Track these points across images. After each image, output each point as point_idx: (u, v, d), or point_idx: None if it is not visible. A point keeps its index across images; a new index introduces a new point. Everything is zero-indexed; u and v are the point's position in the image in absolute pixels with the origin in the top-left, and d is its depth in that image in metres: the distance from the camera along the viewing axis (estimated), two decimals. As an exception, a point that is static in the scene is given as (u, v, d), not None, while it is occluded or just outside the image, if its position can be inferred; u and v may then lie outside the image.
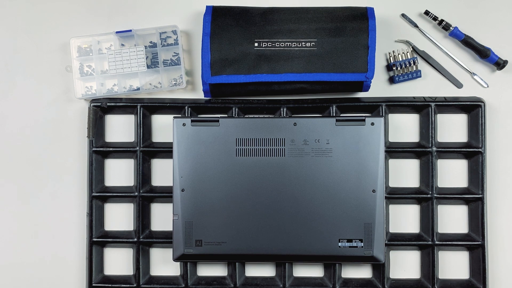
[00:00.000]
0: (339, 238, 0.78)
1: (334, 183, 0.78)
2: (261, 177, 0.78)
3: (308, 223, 0.78)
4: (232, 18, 0.79)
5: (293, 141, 0.78)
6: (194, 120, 0.79)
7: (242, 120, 0.79)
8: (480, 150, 0.81)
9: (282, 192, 0.78)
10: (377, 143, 0.78)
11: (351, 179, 0.78)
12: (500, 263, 0.83)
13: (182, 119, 0.79)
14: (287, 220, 0.78)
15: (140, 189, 0.83)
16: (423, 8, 0.84)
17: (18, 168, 0.85)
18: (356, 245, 0.78)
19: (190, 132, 0.78)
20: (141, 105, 0.83)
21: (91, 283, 0.82)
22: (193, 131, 0.78)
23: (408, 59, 0.83)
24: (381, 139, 0.78)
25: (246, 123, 0.79)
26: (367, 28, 0.78)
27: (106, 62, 0.84)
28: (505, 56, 0.84)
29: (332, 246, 0.78)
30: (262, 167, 0.78)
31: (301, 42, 0.78)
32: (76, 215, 0.85)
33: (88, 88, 0.85)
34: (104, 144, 0.84)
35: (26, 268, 0.85)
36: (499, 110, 0.84)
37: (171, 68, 0.84)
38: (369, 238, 0.78)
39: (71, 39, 0.84)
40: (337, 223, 0.78)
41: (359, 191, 0.78)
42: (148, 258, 0.85)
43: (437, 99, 0.82)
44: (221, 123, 0.79)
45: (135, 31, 0.83)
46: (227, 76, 0.79)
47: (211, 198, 0.78)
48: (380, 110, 0.82)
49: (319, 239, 0.78)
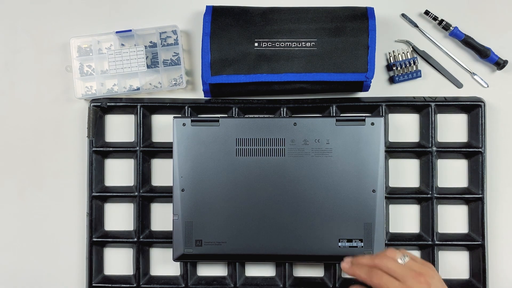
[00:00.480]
0: (339, 238, 0.78)
1: (334, 183, 0.78)
2: (261, 177, 0.78)
3: (308, 223, 0.78)
4: (232, 18, 0.79)
5: (293, 141, 0.78)
6: (194, 120, 0.79)
7: (242, 120, 0.79)
8: (480, 150, 0.81)
9: (282, 192, 0.78)
10: (377, 143, 0.78)
11: (351, 179, 0.78)
12: (500, 263, 0.83)
13: (182, 119, 0.79)
14: (287, 220, 0.78)
15: (140, 189, 0.83)
16: (423, 8, 0.84)
17: (18, 168, 0.85)
18: (356, 245, 0.78)
19: (190, 132, 0.78)
20: (141, 105, 0.83)
21: (91, 283, 0.82)
22: (193, 131, 0.78)
23: (408, 59, 0.83)
24: (381, 139, 0.78)
25: (246, 123, 0.79)
26: (367, 28, 0.78)
27: (106, 62, 0.84)
28: (505, 56, 0.84)
29: (332, 246, 0.78)
30: (262, 167, 0.78)
31: (301, 42, 0.78)
32: (76, 215, 0.85)
33: (88, 88, 0.85)
34: (104, 144, 0.84)
35: (26, 268, 0.85)
36: (499, 110, 0.84)
37: (171, 68, 0.84)
38: (369, 238, 0.78)
39: (71, 39, 0.84)
40: (337, 223, 0.78)
41: (359, 191, 0.78)
42: (148, 258, 0.85)
43: (437, 99, 0.82)
44: (221, 123, 0.79)
45: (135, 31, 0.83)
46: (227, 76, 0.79)
47: (211, 198, 0.78)
48: (380, 110, 0.82)
49: (319, 239, 0.78)
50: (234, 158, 0.78)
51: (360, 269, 0.69)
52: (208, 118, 0.80)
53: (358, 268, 0.69)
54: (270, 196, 0.78)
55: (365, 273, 0.68)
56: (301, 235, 0.78)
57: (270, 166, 0.78)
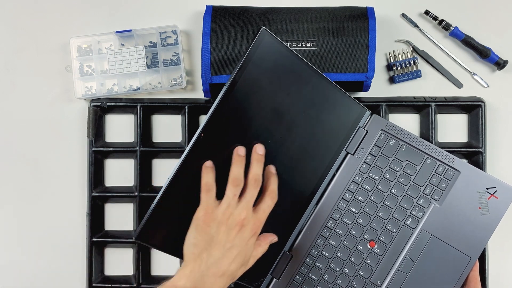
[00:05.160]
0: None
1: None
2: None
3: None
4: (232, 18, 0.79)
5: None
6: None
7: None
8: (480, 150, 0.81)
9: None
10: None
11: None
12: (500, 263, 0.83)
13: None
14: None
15: (140, 189, 0.83)
16: (423, 8, 0.84)
17: (18, 168, 0.85)
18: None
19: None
20: (141, 105, 0.83)
21: (91, 283, 0.82)
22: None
23: (408, 59, 0.83)
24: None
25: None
26: (367, 28, 0.78)
27: (106, 62, 0.84)
28: (505, 56, 0.84)
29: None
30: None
31: (301, 42, 0.78)
32: (76, 215, 0.85)
33: (88, 88, 0.85)
34: (104, 144, 0.84)
35: (26, 268, 0.85)
36: (499, 110, 0.84)
37: (171, 68, 0.84)
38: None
39: (71, 39, 0.84)
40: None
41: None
42: (148, 258, 0.85)
43: (437, 99, 0.82)
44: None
45: (135, 31, 0.83)
46: (227, 76, 0.79)
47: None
48: (380, 110, 0.82)
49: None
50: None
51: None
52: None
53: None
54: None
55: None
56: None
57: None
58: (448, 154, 0.75)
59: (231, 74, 0.66)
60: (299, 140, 0.73)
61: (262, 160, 0.68)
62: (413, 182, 0.75)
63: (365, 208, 0.76)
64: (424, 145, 0.76)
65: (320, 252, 0.76)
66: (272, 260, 0.76)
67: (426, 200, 0.75)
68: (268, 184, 0.69)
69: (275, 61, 0.69)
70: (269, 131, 0.71)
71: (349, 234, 0.76)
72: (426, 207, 0.75)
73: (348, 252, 0.75)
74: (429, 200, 0.75)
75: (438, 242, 0.73)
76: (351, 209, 0.76)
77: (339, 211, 0.76)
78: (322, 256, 0.76)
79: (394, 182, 0.76)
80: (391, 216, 0.75)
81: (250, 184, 0.66)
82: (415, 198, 0.75)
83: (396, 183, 0.76)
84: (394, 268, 0.74)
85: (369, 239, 0.75)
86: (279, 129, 0.71)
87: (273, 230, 0.73)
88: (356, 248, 0.75)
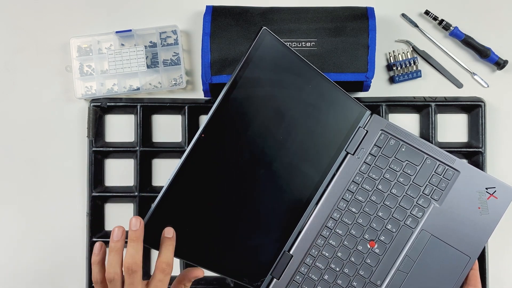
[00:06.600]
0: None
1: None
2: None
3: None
4: (232, 18, 0.79)
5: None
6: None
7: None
8: (480, 150, 0.81)
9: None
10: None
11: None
12: (500, 264, 0.83)
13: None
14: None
15: (140, 189, 0.83)
16: (423, 8, 0.84)
17: (18, 168, 0.85)
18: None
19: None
20: (141, 105, 0.83)
21: (91, 283, 0.82)
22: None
23: (408, 59, 0.83)
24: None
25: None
26: (367, 28, 0.78)
27: (106, 62, 0.84)
28: (505, 56, 0.84)
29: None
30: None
31: (301, 42, 0.78)
32: (76, 215, 0.85)
33: (88, 88, 0.85)
34: (104, 144, 0.85)
35: (26, 268, 0.85)
36: (499, 110, 0.84)
37: (171, 68, 0.84)
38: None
39: (71, 39, 0.84)
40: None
41: None
42: (148, 258, 0.85)
43: (437, 99, 0.82)
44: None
45: (135, 31, 0.83)
46: (227, 76, 0.79)
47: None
48: (380, 110, 0.82)
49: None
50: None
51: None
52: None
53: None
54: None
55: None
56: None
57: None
58: (448, 154, 0.76)
59: (232, 74, 0.66)
60: (299, 140, 0.73)
61: (172, 243, 0.65)
62: (413, 182, 0.75)
63: (365, 208, 0.76)
64: (424, 145, 0.76)
65: (320, 252, 0.76)
66: (272, 260, 0.76)
67: (426, 200, 0.75)
68: (160, 253, 0.64)
69: (276, 61, 0.69)
70: (270, 131, 0.71)
71: (349, 234, 0.76)
72: (426, 207, 0.75)
73: (348, 252, 0.75)
74: (429, 200, 0.75)
75: (438, 242, 0.74)
76: (351, 209, 0.76)
77: (339, 211, 0.76)
78: (322, 256, 0.76)
79: (394, 182, 0.76)
80: (391, 216, 0.75)
81: (158, 270, 0.64)
82: (415, 198, 0.75)
83: (396, 183, 0.76)
84: (394, 268, 0.74)
85: (369, 239, 0.75)
86: (279, 129, 0.71)
87: (274, 230, 0.73)
88: (356, 248, 0.75)
